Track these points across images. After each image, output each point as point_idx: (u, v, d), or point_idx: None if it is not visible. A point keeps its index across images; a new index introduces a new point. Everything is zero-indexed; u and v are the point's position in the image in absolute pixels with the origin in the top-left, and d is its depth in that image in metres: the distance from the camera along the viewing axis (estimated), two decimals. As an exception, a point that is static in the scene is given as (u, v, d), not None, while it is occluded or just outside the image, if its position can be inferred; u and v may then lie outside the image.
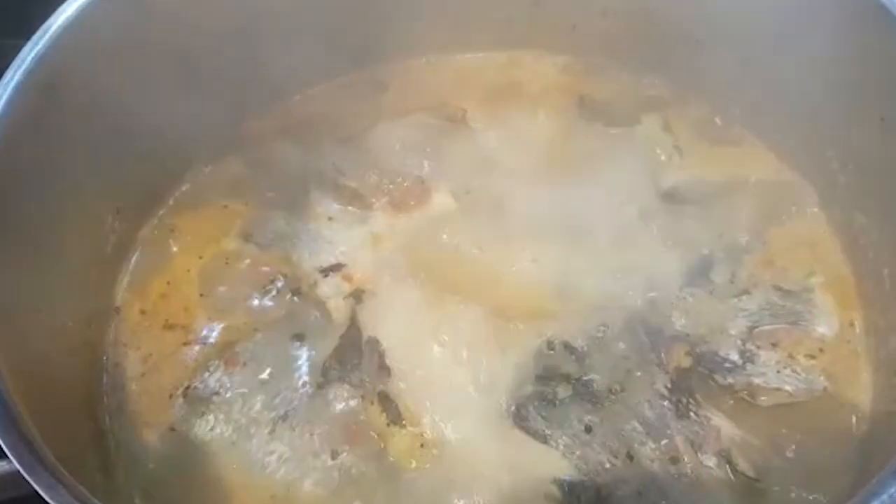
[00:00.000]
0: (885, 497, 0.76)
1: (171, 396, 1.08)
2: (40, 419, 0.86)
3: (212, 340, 1.11)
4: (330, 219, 1.20)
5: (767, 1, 1.14)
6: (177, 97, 1.19)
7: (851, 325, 1.11)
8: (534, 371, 1.07)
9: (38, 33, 1.00)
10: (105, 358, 1.12)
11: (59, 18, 1.01)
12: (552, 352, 1.08)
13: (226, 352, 1.10)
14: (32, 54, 0.98)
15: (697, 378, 1.06)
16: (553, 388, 1.06)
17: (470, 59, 1.36)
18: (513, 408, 1.05)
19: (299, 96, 1.33)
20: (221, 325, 1.12)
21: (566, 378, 1.06)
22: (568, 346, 1.09)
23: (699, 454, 1.02)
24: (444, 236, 1.18)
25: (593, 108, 1.30)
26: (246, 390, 1.07)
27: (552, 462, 1.02)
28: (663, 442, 1.02)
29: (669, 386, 1.06)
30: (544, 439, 1.03)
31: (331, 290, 1.14)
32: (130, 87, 1.11)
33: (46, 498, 0.77)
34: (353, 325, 1.11)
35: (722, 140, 1.26)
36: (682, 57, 1.25)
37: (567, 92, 1.32)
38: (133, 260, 1.19)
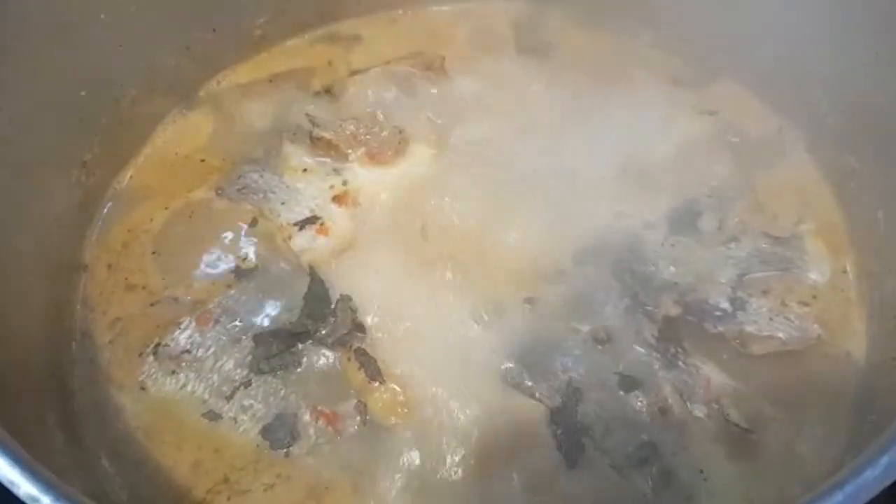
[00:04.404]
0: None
1: (140, 355, 0.98)
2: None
3: (181, 298, 1.01)
4: (305, 171, 1.10)
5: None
6: (146, 48, 1.10)
7: (844, 271, 1.03)
8: (518, 323, 0.98)
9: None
10: (73, 324, 1.01)
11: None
12: (537, 303, 0.99)
13: (197, 309, 1.00)
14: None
15: (686, 326, 0.97)
16: (538, 338, 0.96)
17: (447, 10, 1.26)
18: (496, 360, 0.95)
19: (274, 49, 1.23)
20: (185, 283, 1.02)
21: (552, 328, 0.97)
22: (553, 297, 0.99)
23: (689, 404, 0.93)
24: (423, 188, 1.08)
25: (574, 57, 1.20)
26: (218, 348, 0.97)
27: (538, 416, 0.92)
28: (651, 392, 0.93)
29: (657, 335, 0.96)
30: (531, 393, 0.94)
31: (305, 244, 1.04)
32: (95, 35, 1.02)
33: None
34: (327, 279, 1.01)
35: (706, 87, 1.17)
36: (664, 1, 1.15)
37: (549, 40, 1.22)
38: (102, 216, 1.09)
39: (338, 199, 1.07)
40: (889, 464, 0.57)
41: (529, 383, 0.94)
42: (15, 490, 0.65)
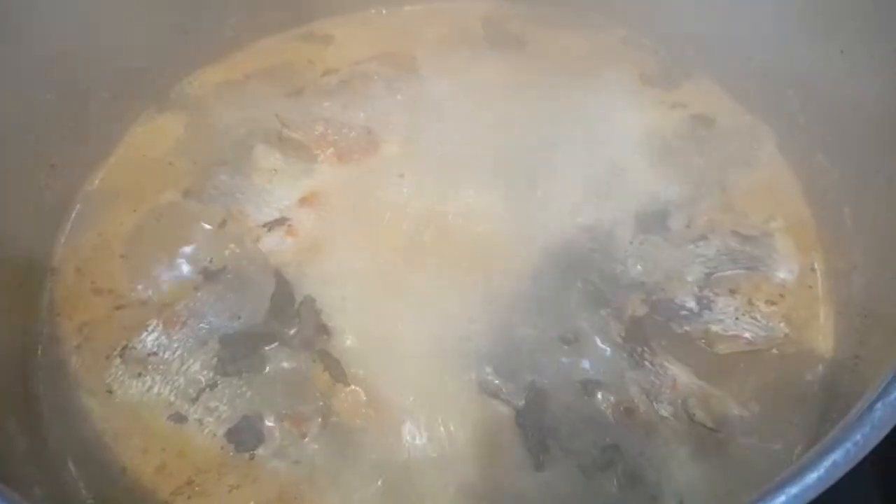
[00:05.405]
0: (849, 444, 0.65)
1: (107, 358, 0.97)
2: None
3: (148, 300, 1.00)
4: (275, 171, 1.09)
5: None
6: (116, 50, 1.09)
7: (812, 269, 1.01)
8: (484, 323, 0.97)
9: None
10: (40, 328, 1.00)
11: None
12: (504, 302, 0.98)
13: (165, 311, 0.99)
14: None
15: (652, 326, 0.96)
16: (505, 337, 0.96)
17: (419, 10, 1.26)
18: (462, 361, 0.94)
19: (245, 50, 1.23)
20: (153, 285, 1.01)
21: (519, 328, 0.96)
22: (521, 296, 0.98)
23: (655, 404, 0.92)
24: (391, 188, 1.07)
25: (546, 55, 1.19)
26: (184, 350, 0.97)
27: (505, 417, 0.91)
28: (618, 392, 0.92)
29: (623, 334, 0.95)
30: (496, 393, 0.93)
31: (274, 245, 1.03)
32: (64, 37, 1.02)
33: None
34: (295, 281, 1.00)
35: (677, 84, 1.16)
36: (636, -2, 1.15)
37: (521, 38, 1.22)
38: (71, 218, 1.08)
39: (306, 200, 1.07)
40: (832, 465, 0.57)
41: (495, 383, 0.93)
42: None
